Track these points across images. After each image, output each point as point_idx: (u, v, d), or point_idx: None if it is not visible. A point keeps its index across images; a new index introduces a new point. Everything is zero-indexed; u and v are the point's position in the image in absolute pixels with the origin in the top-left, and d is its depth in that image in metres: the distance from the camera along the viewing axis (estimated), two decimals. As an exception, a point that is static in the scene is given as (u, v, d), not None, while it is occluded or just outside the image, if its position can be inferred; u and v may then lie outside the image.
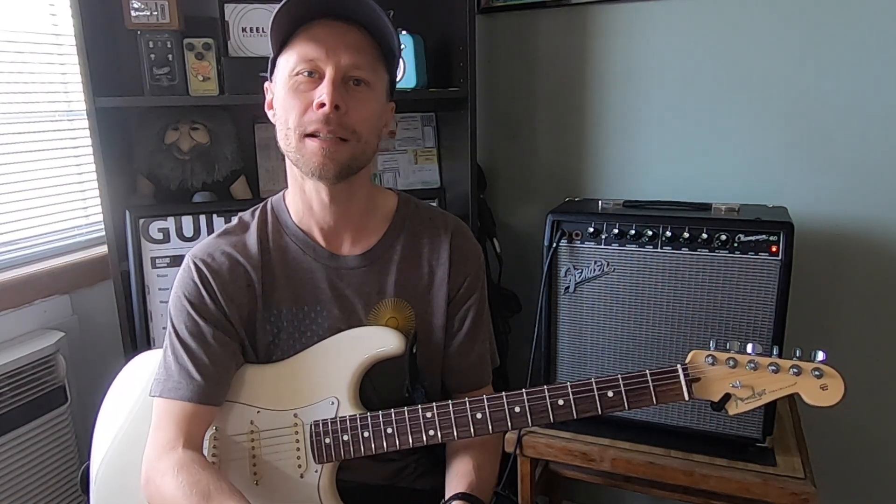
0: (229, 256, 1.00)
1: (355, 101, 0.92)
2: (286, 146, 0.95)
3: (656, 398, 0.87)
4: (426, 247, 1.06)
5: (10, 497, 1.32)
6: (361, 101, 0.93)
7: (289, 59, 0.93)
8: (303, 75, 0.92)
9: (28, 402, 1.35)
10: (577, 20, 1.71)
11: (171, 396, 0.95)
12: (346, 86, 0.92)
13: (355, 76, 0.92)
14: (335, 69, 0.90)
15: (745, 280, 1.22)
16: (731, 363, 0.85)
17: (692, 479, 1.24)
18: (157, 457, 0.94)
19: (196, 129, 1.53)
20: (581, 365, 1.37)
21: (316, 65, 0.91)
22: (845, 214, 1.55)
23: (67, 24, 1.46)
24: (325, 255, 1.02)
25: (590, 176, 1.78)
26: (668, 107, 1.66)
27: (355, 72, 0.92)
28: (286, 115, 0.93)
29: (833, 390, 0.82)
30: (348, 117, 0.91)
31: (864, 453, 1.65)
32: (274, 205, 1.06)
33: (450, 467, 1.02)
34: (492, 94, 1.84)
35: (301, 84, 0.92)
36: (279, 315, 1.01)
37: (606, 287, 1.32)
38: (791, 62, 1.53)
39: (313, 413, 0.97)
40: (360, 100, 0.93)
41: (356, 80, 0.93)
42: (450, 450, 1.05)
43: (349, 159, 0.93)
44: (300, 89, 0.92)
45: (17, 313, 1.40)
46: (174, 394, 0.95)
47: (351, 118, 0.91)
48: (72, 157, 1.59)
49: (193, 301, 0.98)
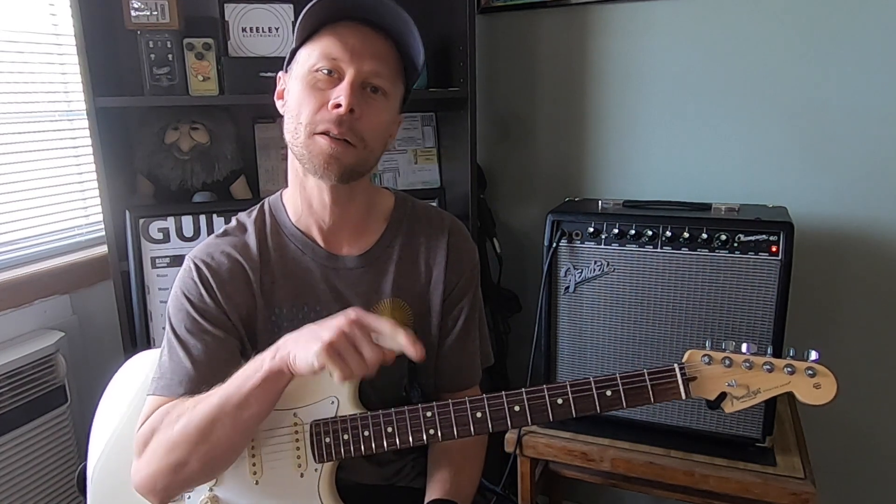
0: (229, 256, 1.00)
1: (370, 107, 0.92)
2: (293, 140, 0.94)
3: (654, 397, 0.87)
4: (423, 246, 1.06)
5: (9, 497, 1.32)
6: (375, 109, 0.93)
7: (311, 53, 0.92)
8: (322, 73, 0.91)
9: (28, 402, 1.35)
10: (577, 20, 1.71)
11: (164, 394, 0.95)
12: (364, 91, 0.92)
13: (374, 83, 0.92)
14: (356, 73, 0.90)
15: (744, 280, 1.22)
16: (727, 362, 0.86)
17: (692, 479, 1.24)
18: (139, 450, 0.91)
19: (196, 129, 1.53)
20: (581, 365, 1.37)
21: (337, 65, 0.90)
22: (845, 214, 1.55)
23: (67, 24, 1.46)
24: (323, 256, 1.02)
25: (590, 176, 1.79)
26: (668, 107, 1.66)
27: (375, 79, 0.92)
28: (299, 109, 0.92)
29: (826, 389, 0.83)
30: (360, 123, 0.91)
31: (864, 453, 1.65)
32: (271, 205, 1.06)
33: (429, 473, 1.03)
34: (492, 94, 1.85)
35: (319, 81, 0.91)
36: (280, 314, 1.01)
37: (606, 287, 1.32)
38: (791, 62, 1.53)
39: (313, 412, 0.97)
40: (375, 108, 0.93)
41: (374, 87, 0.92)
42: (431, 457, 1.06)
43: (353, 164, 0.93)
44: (318, 86, 0.91)
45: (17, 313, 1.40)
46: (167, 391, 0.94)
47: (362, 124, 0.91)
48: (72, 157, 1.59)
49: (193, 300, 0.98)
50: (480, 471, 1.08)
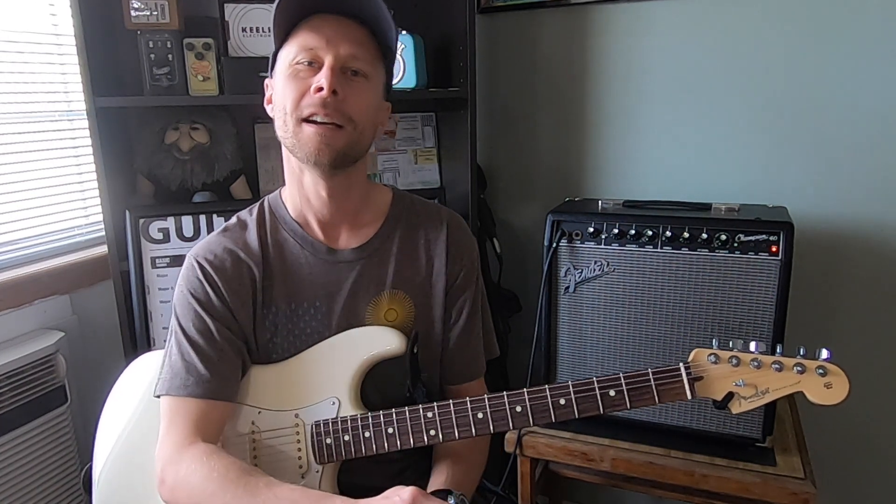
0: (231, 253, 1.01)
1: (352, 89, 0.93)
2: (283, 133, 0.96)
3: (659, 397, 0.87)
4: (423, 238, 1.07)
5: (9, 497, 1.32)
6: (359, 91, 0.94)
7: (290, 50, 0.94)
8: (303, 64, 0.93)
9: (28, 402, 1.35)
10: (577, 20, 1.71)
11: (179, 394, 0.95)
12: (345, 76, 0.93)
13: (354, 67, 0.93)
14: (335, 58, 0.92)
15: (745, 280, 1.22)
16: (734, 361, 0.84)
17: (692, 479, 1.24)
18: (176, 452, 0.92)
19: (196, 129, 1.53)
20: (581, 365, 1.37)
21: (316, 54, 0.92)
22: (845, 214, 1.55)
23: (67, 24, 1.46)
24: (322, 250, 1.03)
25: (590, 176, 1.79)
26: (669, 106, 1.66)
27: (354, 63, 0.93)
28: (284, 100, 0.94)
29: (837, 388, 0.81)
30: (345, 104, 0.92)
31: (864, 453, 1.65)
32: (271, 202, 1.07)
33: (433, 470, 1.04)
34: (492, 94, 1.85)
35: (301, 72, 0.93)
36: (276, 312, 1.01)
37: (606, 287, 1.32)
38: (791, 62, 1.53)
39: (314, 413, 0.97)
40: (358, 89, 0.94)
41: (354, 70, 0.94)
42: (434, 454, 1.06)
43: (345, 146, 0.93)
44: (299, 76, 0.93)
45: (17, 313, 1.39)
46: (182, 391, 0.94)
47: (348, 105, 0.92)
48: (72, 157, 1.58)
49: (200, 298, 0.98)
50: (483, 468, 1.09)
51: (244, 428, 0.99)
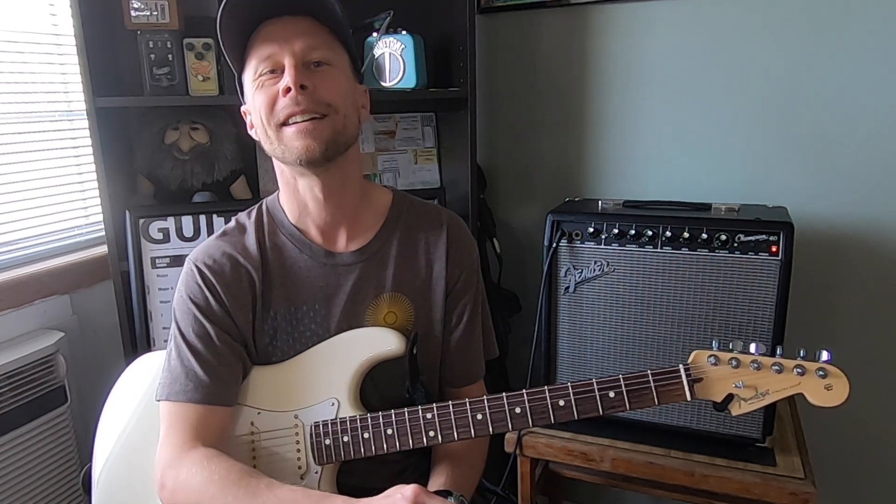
0: (230, 257, 1.01)
1: (321, 79, 0.93)
2: (269, 146, 0.96)
3: (658, 399, 0.86)
4: (423, 241, 1.06)
5: (9, 497, 1.32)
6: (327, 78, 0.94)
7: (250, 68, 0.95)
8: (266, 74, 0.93)
9: (28, 402, 1.35)
10: (577, 20, 1.71)
11: (178, 399, 0.95)
12: (309, 69, 0.93)
13: (314, 59, 0.94)
14: (292, 55, 0.92)
15: (745, 280, 1.22)
16: (734, 363, 0.84)
17: (692, 479, 1.24)
18: (176, 457, 0.92)
19: (196, 129, 1.53)
20: (581, 365, 1.37)
21: (274, 60, 0.92)
22: (845, 214, 1.55)
23: (67, 24, 1.46)
24: (321, 253, 1.02)
25: (590, 176, 1.79)
26: (669, 107, 1.66)
27: (312, 54, 0.93)
28: (260, 113, 0.94)
29: (838, 390, 0.81)
30: (318, 93, 0.92)
31: (864, 453, 1.65)
32: (269, 205, 1.07)
33: (432, 470, 1.04)
34: (492, 94, 1.84)
35: (266, 81, 0.93)
36: (275, 316, 1.01)
37: (606, 287, 1.32)
38: (791, 62, 1.53)
39: (314, 414, 0.97)
40: (325, 76, 0.94)
41: (316, 62, 0.94)
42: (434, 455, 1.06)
43: (332, 135, 0.93)
44: (266, 85, 0.93)
45: (17, 313, 1.39)
46: (182, 396, 0.95)
47: (321, 94, 0.92)
48: (72, 157, 1.58)
49: (199, 303, 0.98)
50: (482, 469, 1.09)
51: (243, 429, 0.99)
